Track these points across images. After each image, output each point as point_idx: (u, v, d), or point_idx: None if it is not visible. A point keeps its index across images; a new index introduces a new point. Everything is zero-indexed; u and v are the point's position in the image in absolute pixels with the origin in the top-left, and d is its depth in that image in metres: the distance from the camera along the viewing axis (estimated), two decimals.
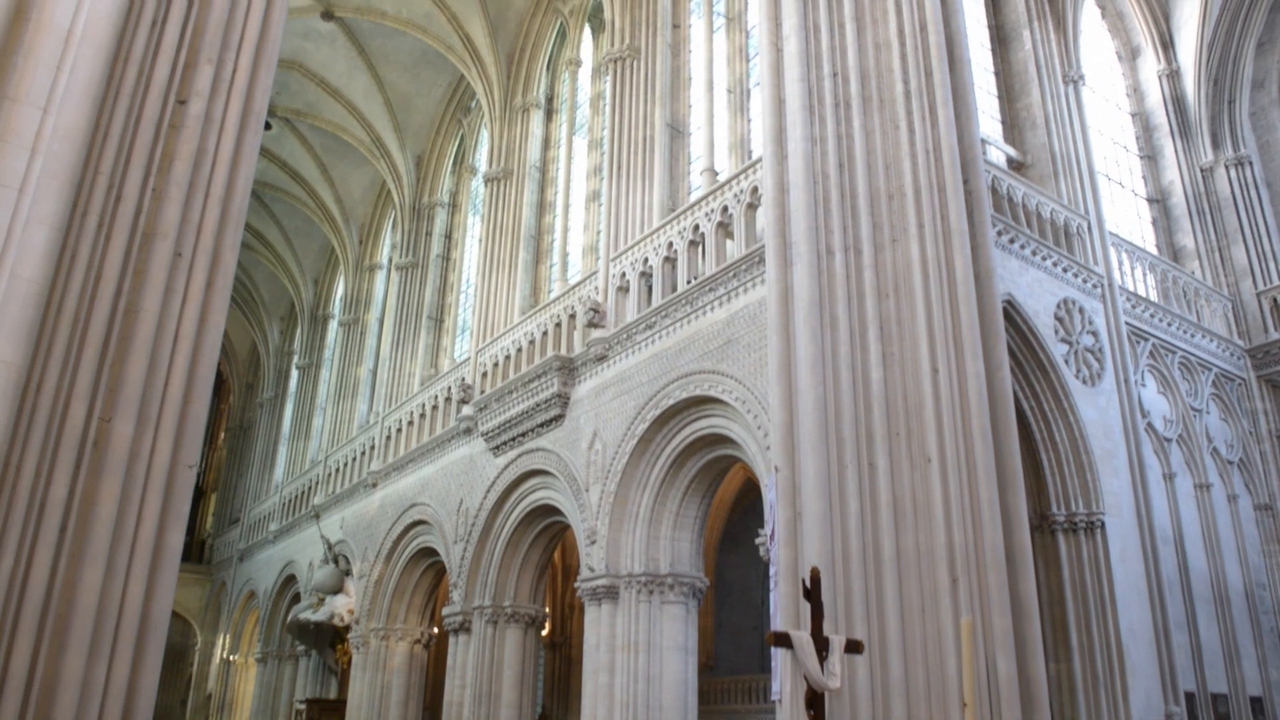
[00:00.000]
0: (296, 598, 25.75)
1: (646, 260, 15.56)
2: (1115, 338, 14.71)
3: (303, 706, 23.48)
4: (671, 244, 15.12)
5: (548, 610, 21.48)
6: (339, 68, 25.32)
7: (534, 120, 21.49)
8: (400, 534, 21.09)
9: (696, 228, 14.72)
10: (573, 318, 17.01)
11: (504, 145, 21.62)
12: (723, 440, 13.75)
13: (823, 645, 6.79)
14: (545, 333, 17.70)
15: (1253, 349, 17.29)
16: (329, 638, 23.13)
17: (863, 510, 9.61)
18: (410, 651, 21.15)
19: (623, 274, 15.92)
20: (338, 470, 25.40)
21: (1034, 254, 14.00)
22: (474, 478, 18.60)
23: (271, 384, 34.02)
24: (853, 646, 7.32)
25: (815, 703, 6.68)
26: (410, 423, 21.98)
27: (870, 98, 11.24)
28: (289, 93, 26.01)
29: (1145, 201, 18.47)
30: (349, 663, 22.44)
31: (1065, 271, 14.42)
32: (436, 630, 21.39)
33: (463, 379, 19.71)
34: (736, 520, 22.79)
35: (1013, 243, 13.71)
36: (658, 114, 16.74)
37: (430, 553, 20.48)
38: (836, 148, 11.08)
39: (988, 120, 15.64)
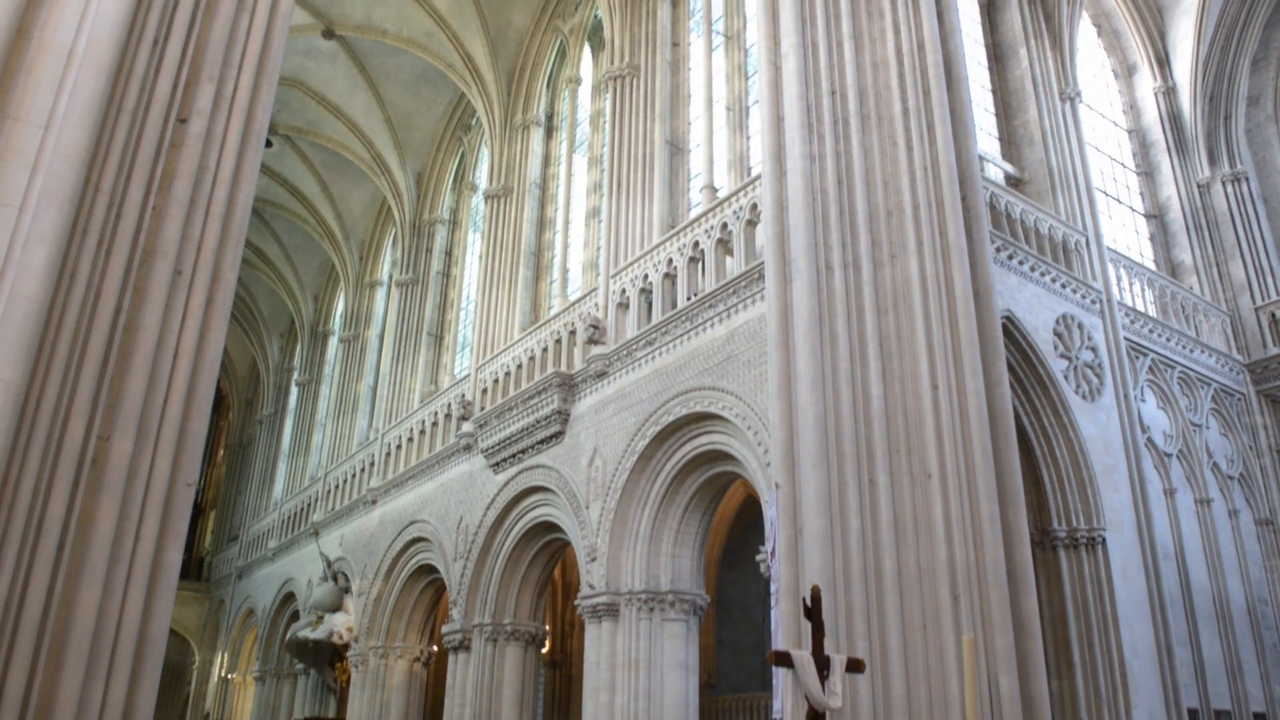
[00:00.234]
0: (295, 615, 25.62)
1: (646, 277, 15.59)
2: (1114, 353, 14.72)
3: None
4: (671, 260, 15.15)
5: (548, 628, 21.36)
6: (340, 85, 25.44)
7: (534, 137, 21.57)
8: (400, 551, 21.02)
9: (696, 244, 14.75)
10: (573, 334, 17.02)
11: (504, 162, 21.69)
12: (723, 457, 13.73)
13: (824, 664, 6.76)
14: (545, 349, 17.71)
15: (1252, 364, 17.30)
16: (328, 656, 22.99)
17: (864, 527, 9.59)
18: (409, 670, 21.04)
19: (623, 290, 15.94)
20: (337, 487, 25.33)
21: (1033, 270, 14.03)
22: (474, 494, 18.56)
23: (271, 400, 33.97)
24: (854, 665, 7.29)
25: None
26: (410, 439, 21.95)
27: (869, 115, 11.29)
28: (290, 110, 26.12)
29: (1143, 217, 18.52)
30: (348, 681, 22.31)
31: (1064, 287, 14.44)
32: (436, 648, 21.27)
33: (463, 395, 19.69)
34: (737, 537, 22.68)
35: (1011, 259, 13.74)
36: (657, 131, 16.81)
37: (430, 570, 20.41)
38: (835, 165, 11.13)
39: (985, 137, 15.70)
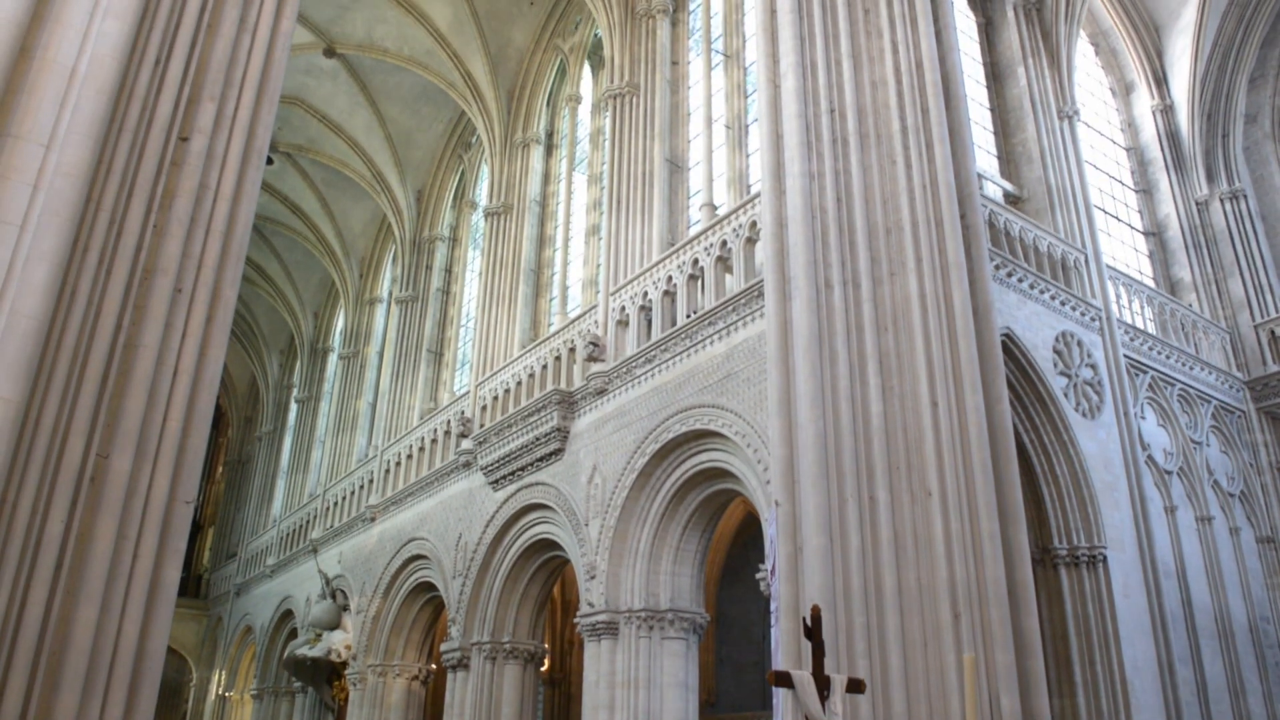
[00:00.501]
0: (293, 633, 25.48)
1: (646, 294, 15.61)
2: (1114, 370, 14.72)
3: None
4: (671, 278, 15.17)
5: (547, 646, 21.26)
6: (340, 103, 25.55)
7: (534, 155, 21.65)
8: (399, 569, 20.94)
9: (696, 262, 14.78)
10: (572, 351, 17.02)
11: (504, 180, 21.76)
12: (723, 474, 13.70)
13: (824, 684, 6.72)
14: (545, 366, 17.70)
15: (1251, 381, 17.29)
16: (326, 674, 22.87)
17: (864, 545, 9.56)
18: (408, 688, 20.91)
19: (622, 308, 15.96)
20: (336, 504, 25.26)
21: (1032, 287, 14.05)
22: (473, 512, 18.51)
23: (270, 417, 33.92)
24: (854, 686, 7.25)
25: None
26: (409, 456, 21.91)
27: (867, 134, 11.34)
28: (290, 128, 26.23)
29: (1142, 235, 18.56)
30: (346, 699, 22.17)
31: (1063, 305, 14.46)
32: (435, 666, 21.15)
33: (462, 413, 19.67)
34: (737, 554, 22.60)
35: (1010, 276, 13.77)
36: (657, 149, 16.87)
37: (429, 588, 20.32)
38: (834, 183, 11.17)
39: (984, 155, 15.76)
